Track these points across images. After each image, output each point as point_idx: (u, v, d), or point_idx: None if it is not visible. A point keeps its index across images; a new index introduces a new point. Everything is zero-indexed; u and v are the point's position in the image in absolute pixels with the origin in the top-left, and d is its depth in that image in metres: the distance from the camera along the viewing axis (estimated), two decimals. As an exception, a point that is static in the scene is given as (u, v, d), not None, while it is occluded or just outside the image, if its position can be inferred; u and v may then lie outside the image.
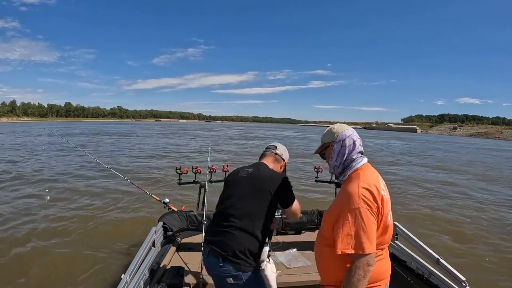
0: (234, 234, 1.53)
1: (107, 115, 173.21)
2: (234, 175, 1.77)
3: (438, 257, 2.02)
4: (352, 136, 1.30)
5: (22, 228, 4.73)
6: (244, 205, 1.58)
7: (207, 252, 1.57)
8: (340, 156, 1.28)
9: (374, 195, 1.16)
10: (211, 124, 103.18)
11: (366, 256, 1.11)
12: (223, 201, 1.68)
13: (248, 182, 1.64)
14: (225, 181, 1.81)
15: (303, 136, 40.05)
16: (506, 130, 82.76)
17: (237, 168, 1.82)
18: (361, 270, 1.11)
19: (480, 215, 6.20)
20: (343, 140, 1.29)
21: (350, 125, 1.77)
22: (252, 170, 1.70)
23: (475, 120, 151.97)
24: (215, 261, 1.51)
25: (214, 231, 1.61)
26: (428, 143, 34.91)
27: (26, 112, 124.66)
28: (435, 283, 2.02)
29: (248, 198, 1.58)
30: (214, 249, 1.53)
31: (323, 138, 1.39)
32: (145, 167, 10.93)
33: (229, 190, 1.69)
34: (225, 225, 1.56)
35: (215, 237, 1.57)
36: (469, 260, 4.12)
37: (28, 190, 7.13)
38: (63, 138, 8.55)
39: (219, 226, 1.59)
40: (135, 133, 34.18)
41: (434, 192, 8.14)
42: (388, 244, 1.34)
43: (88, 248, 4.07)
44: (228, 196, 1.66)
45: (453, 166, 14.40)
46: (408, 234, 2.37)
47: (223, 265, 1.49)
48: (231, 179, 1.75)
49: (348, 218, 1.14)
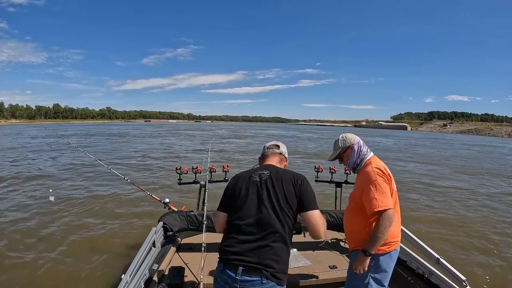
0: (273, 245, 1.37)
1: (96, 116, 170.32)
2: (244, 179, 1.55)
3: (438, 257, 2.02)
4: (360, 140, 1.83)
5: (22, 227, 4.75)
6: (275, 211, 1.42)
7: (239, 271, 1.34)
8: (358, 153, 1.76)
9: (384, 172, 1.64)
10: (201, 124, 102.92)
11: (388, 210, 1.53)
12: (242, 209, 1.46)
13: (271, 185, 1.47)
14: (231, 186, 1.58)
15: (293, 134, 40.35)
16: (496, 127, 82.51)
17: (245, 172, 1.63)
18: (386, 221, 1.52)
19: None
20: (358, 143, 1.80)
21: (340, 123, 1.89)
22: (271, 172, 1.52)
23: (464, 117, 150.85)
24: (256, 280, 1.33)
25: (246, 245, 1.39)
26: (421, 140, 35.02)
27: (14, 115, 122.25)
28: (435, 282, 2.02)
29: (278, 202, 1.43)
30: (255, 267, 1.33)
31: (341, 144, 1.81)
32: (145, 167, 10.94)
33: (248, 196, 1.48)
34: (260, 237, 1.38)
35: (249, 252, 1.37)
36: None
37: (29, 190, 7.16)
38: (65, 139, 8.59)
39: (252, 238, 1.39)
40: (128, 133, 34.28)
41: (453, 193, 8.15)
42: (395, 209, 1.63)
43: (88, 248, 4.08)
44: (250, 203, 1.46)
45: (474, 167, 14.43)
46: (408, 234, 2.37)
47: (266, 282, 1.33)
48: (242, 184, 1.52)
49: (371, 187, 1.58)
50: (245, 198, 1.48)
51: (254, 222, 1.42)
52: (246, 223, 1.42)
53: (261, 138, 29.89)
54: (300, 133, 45.90)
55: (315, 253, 2.59)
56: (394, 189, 1.67)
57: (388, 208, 1.53)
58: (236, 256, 1.38)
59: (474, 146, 28.81)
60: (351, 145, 1.78)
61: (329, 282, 2.23)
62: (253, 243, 1.39)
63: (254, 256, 1.36)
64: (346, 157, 1.80)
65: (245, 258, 1.36)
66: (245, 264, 1.35)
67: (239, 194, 1.50)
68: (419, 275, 2.19)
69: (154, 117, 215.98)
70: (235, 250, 1.39)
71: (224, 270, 1.39)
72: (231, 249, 1.41)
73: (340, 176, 3.28)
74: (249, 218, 1.43)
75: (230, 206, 1.52)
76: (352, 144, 1.78)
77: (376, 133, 51.83)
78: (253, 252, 1.37)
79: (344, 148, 1.79)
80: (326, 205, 4.14)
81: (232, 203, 1.51)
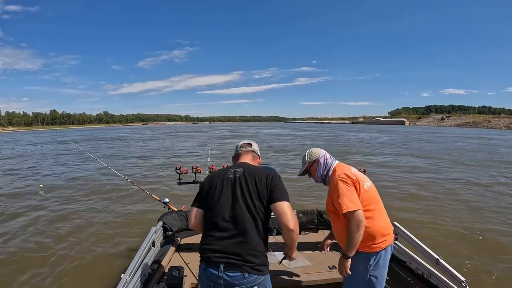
0: (249, 240, 1.40)
1: (93, 121, 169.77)
2: (219, 176, 1.57)
3: (437, 257, 2.01)
4: (326, 152, 1.92)
5: (21, 226, 4.76)
6: (248, 206, 1.45)
7: (221, 268, 1.37)
8: (324, 166, 1.84)
9: (347, 176, 1.70)
10: (199, 126, 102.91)
11: (354, 212, 1.57)
12: (217, 205, 1.49)
13: (245, 181, 1.50)
14: (206, 184, 1.59)
15: (289, 133, 40.42)
16: (494, 119, 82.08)
17: (220, 170, 1.69)
18: (353, 222, 1.57)
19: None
20: (324, 156, 1.88)
21: (338, 120, 1.90)
22: (244, 169, 1.55)
23: (462, 110, 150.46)
24: (238, 275, 1.36)
25: (224, 241, 1.41)
26: (418, 135, 35.01)
27: (11, 122, 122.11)
28: (434, 283, 2.02)
29: (250, 198, 1.46)
30: (235, 263, 1.37)
31: (307, 159, 1.90)
32: (145, 167, 10.95)
33: (222, 193, 1.50)
34: (236, 233, 1.42)
35: (228, 249, 1.39)
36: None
37: (22, 186, 7.17)
38: (71, 144, 8.64)
39: (228, 234, 1.42)
40: (128, 137, 34.38)
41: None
42: (374, 205, 1.72)
43: (88, 247, 4.09)
44: (225, 199, 1.49)
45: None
46: (408, 235, 2.36)
47: (248, 276, 1.37)
48: (218, 181, 1.54)
49: (336, 194, 1.66)
50: (220, 195, 1.51)
51: (229, 219, 1.45)
52: (222, 219, 1.45)
53: (260, 138, 29.91)
54: (298, 131, 45.92)
55: (315, 253, 2.58)
56: (365, 188, 1.71)
57: (352, 209, 1.57)
58: (216, 254, 1.41)
59: (473, 139, 28.79)
60: (317, 159, 1.87)
61: (328, 282, 2.23)
62: (230, 240, 1.42)
63: (233, 252, 1.39)
64: (313, 171, 1.88)
65: (224, 255, 1.39)
66: (225, 260, 1.38)
67: (214, 191, 1.52)
68: (418, 276, 2.19)
69: (152, 120, 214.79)
70: (214, 247, 1.42)
71: (206, 268, 1.42)
72: (210, 247, 1.43)
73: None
74: (224, 215, 1.46)
75: (206, 203, 1.54)
76: (318, 157, 1.87)
77: (373, 129, 51.84)
78: (231, 248, 1.40)
79: (311, 162, 1.88)
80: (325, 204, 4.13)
81: (208, 200, 1.53)
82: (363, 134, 35.22)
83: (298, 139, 27.83)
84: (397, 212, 5.42)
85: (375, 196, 1.76)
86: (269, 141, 26.01)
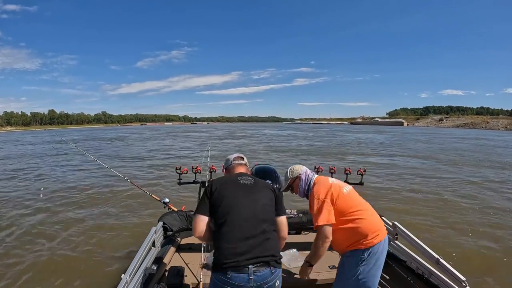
0: (271, 238, 1.51)
1: (91, 121, 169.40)
2: (231, 183, 1.63)
3: (438, 257, 2.01)
4: (306, 169, 2.03)
5: (21, 227, 4.74)
6: (265, 210, 1.57)
7: (251, 271, 1.38)
8: (305, 181, 1.96)
9: (321, 191, 1.83)
10: (198, 126, 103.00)
11: (322, 227, 1.75)
12: (235, 209, 1.52)
13: (259, 188, 1.63)
14: (217, 191, 1.59)
15: (288, 133, 40.55)
16: (492, 120, 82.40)
17: (225, 177, 1.74)
18: (320, 237, 1.78)
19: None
20: (305, 172, 1.99)
21: (336, 121, 1.93)
22: (254, 178, 1.68)
23: (460, 111, 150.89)
24: (267, 272, 1.42)
25: (249, 242, 1.44)
26: (415, 135, 35.10)
27: (9, 122, 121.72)
28: (435, 283, 2.02)
29: (265, 203, 1.59)
30: (265, 261, 1.42)
31: (289, 176, 2.01)
32: (145, 167, 10.93)
33: (239, 196, 1.56)
34: (257, 233, 1.48)
35: (255, 248, 1.43)
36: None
37: (22, 187, 7.15)
38: (70, 144, 8.62)
39: (250, 235, 1.46)
40: (127, 137, 34.32)
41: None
42: (360, 206, 1.83)
43: (88, 247, 4.08)
44: (244, 203, 1.54)
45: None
46: (408, 234, 2.36)
47: (275, 271, 1.46)
48: (231, 187, 1.60)
49: (311, 209, 1.84)
50: (236, 199, 1.56)
51: (250, 221, 1.50)
52: (243, 221, 1.49)
53: (259, 138, 29.91)
54: (296, 132, 46.00)
55: None
56: (344, 193, 1.84)
57: (320, 224, 1.76)
58: (243, 256, 1.41)
59: (472, 139, 28.94)
60: (298, 175, 1.99)
61: (329, 282, 2.22)
62: (254, 240, 1.46)
63: (260, 251, 1.44)
64: (296, 186, 2.00)
65: (253, 255, 1.42)
66: (254, 261, 1.41)
67: (229, 197, 1.56)
68: (419, 276, 2.19)
69: (150, 120, 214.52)
70: (240, 250, 1.42)
71: (233, 275, 1.38)
72: (236, 250, 1.42)
73: (340, 176, 3.28)
74: (245, 217, 1.50)
75: (218, 210, 1.53)
76: (300, 174, 1.99)
77: (371, 130, 51.99)
78: (258, 247, 1.44)
79: (293, 178, 2.00)
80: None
81: (221, 207, 1.53)
82: (361, 135, 35.36)
83: (296, 140, 27.87)
84: (396, 213, 5.45)
85: (356, 198, 1.89)
86: (268, 141, 26.04)
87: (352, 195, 1.88)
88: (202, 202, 1.60)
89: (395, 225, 2.53)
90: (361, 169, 3.24)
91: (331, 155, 15.41)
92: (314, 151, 17.78)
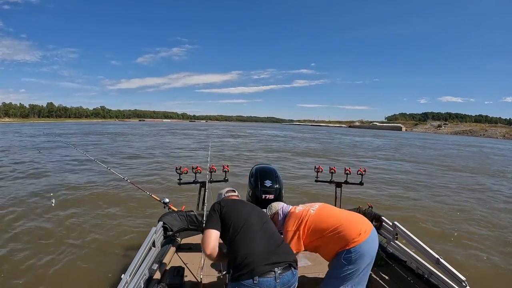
0: (283, 243, 1.64)
1: (90, 115, 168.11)
2: (237, 201, 1.89)
3: (438, 257, 2.02)
4: (283, 204, 2.20)
5: (24, 227, 4.71)
6: (270, 222, 1.80)
7: (277, 274, 1.46)
8: (282, 216, 2.11)
9: (291, 222, 1.98)
10: (197, 124, 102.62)
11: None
12: (247, 221, 1.67)
13: (257, 211, 1.82)
14: (228, 206, 1.78)
15: (285, 134, 40.73)
16: (491, 128, 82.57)
17: (232, 200, 1.92)
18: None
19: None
20: (282, 208, 2.16)
21: (334, 123, 1.99)
22: (252, 204, 1.92)
23: (458, 118, 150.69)
24: (289, 274, 1.51)
25: (266, 249, 1.54)
26: (411, 140, 35.31)
27: (7, 113, 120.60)
28: (435, 283, 2.03)
29: (267, 218, 1.82)
30: (287, 264, 1.52)
31: (269, 212, 2.16)
32: (144, 167, 10.90)
33: (248, 212, 1.75)
34: (272, 241, 1.60)
35: (275, 253, 1.53)
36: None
37: (32, 189, 7.13)
38: (62, 138, 8.57)
39: (268, 243, 1.58)
40: (126, 132, 34.21)
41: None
42: (334, 217, 1.93)
43: (88, 248, 4.06)
44: (253, 217, 1.72)
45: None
46: (408, 234, 2.37)
47: (295, 272, 1.55)
48: (238, 202, 1.86)
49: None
50: (249, 213, 1.72)
51: (263, 231, 1.63)
52: (258, 233, 1.61)
53: (258, 138, 29.95)
54: (295, 133, 46.14)
55: (315, 253, 2.59)
56: (312, 213, 1.99)
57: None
58: (268, 261, 1.48)
59: (474, 146, 29.12)
60: (276, 211, 2.16)
61: None
62: (272, 246, 1.56)
63: (281, 255, 1.53)
64: (275, 220, 2.13)
65: (276, 260, 1.50)
66: (278, 265, 1.48)
67: (241, 210, 1.73)
68: (419, 275, 2.20)
69: (148, 117, 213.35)
70: (264, 257, 1.49)
71: (260, 280, 1.43)
72: (260, 257, 1.49)
73: (340, 176, 3.28)
74: (259, 229, 1.63)
75: (232, 223, 1.65)
76: (277, 210, 2.17)
77: (370, 134, 52.13)
78: (277, 253, 1.53)
79: (272, 214, 2.16)
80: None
81: (235, 220, 1.66)
82: (359, 138, 35.37)
83: (294, 141, 27.95)
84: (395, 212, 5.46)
85: (328, 212, 2.02)
86: (266, 141, 26.12)
87: (322, 212, 1.99)
88: (211, 217, 1.72)
89: (395, 225, 2.54)
90: (361, 169, 3.24)
91: (327, 157, 15.54)
92: (311, 152, 18.00)
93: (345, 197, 3.44)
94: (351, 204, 3.38)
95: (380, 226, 2.77)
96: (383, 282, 2.27)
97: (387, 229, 2.71)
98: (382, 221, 2.76)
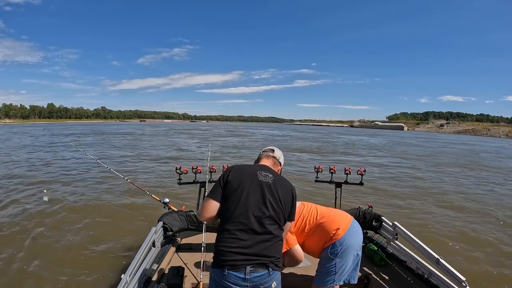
0: (273, 239, 1.47)
1: (90, 116, 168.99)
2: (248, 176, 1.56)
3: (438, 257, 2.02)
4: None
5: (21, 227, 4.72)
6: (276, 212, 1.51)
7: (247, 270, 1.37)
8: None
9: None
10: (198, 124, 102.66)
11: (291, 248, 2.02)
12: (244, 205, 1.48)
13: (275, 189, 1.55)
14: (233, 180, 1.55)
15: (286, 133, 40.90)
16: (493, 127, 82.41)
17: (246, 166, 1.67)
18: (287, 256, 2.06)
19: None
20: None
21: (336, 123, 1.94)
22: (274, 177, 1.60)
23: (460, 117, 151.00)
24: (264, 274, 1.40)
25: (249, 242, 1.42)
26: (414, 140, 35.23)
27: (8, 114, 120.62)
28: (435, 283, 2.03)
29: (278, 206, 1.52)
30: (262, 263, 1.40)
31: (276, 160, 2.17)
32: (144, 167, 10.91)
33: (252, 193, 1.51)
34: (261, 234, 1.45)
35: (254, 249, 1.41)
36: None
37: (27, 190, 7.14)
38: (65, 138, 8.59)
39: (253, 235, 1.43)
40: (129, 133, 34.19)
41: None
42: (313, 223, 1.98)
43: (88, 248, 4.06)
44: (254, 201, 1.50)
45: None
46: (408, 234, 2.37)
47: (273, 273, 1.42)
48: (247, 180, 1.54)
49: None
50: (248, 195, 1.50)
51: (257, 220, 1.46)
52: (249, 220, 1.45)
53: (257, 138, 29.96)
54: (296, 132, 46.21)
55: None
56: (305, 219, 2.01)
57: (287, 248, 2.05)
58: (241, 256, 1.39)
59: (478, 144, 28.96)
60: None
61: None
62: (255, 240, 1.43)
63: (260, 252, 1.41)
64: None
65: (252, 256, 1.40)
66: (253, 262, 1.39)
67: (242, 190, 1.51)
68: (419, 276, 2.20)
69: (149, 117, 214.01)
70: (239, 250, 1.41)
71: (230, 273, 1.37)
72: (234, 249, 1.41)
73: (340, 176, 3.28)
74: (252, 216, 1.46)
75: (229, 199, 1.51)
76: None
77: (371, 133, 51.97)
78: (257, 248, 1.42)
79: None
80: (326, 205, 4.15)
81: (233, 197, 1.51)
82: (355, 137, 35.33)
83: (294, 140, 27.94)
84: (395, 211, 5.45)
85: (309, 209, 2.07)
86: (265, 141, 26.11)
87: (303, 211, 2.05)
88: (215, 188, 1.57)
89: (395, 225, 2.53)
90: (361, 169, 3.24)
91: (327, 154, 15.55)
92: (311, 150, 18.10)
93: (345, 197, 3.43)
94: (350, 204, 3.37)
95: (380, 226, 2.77)
96: (383, 282, 2.26)
97: (387, 229, 2.70)
98: (382, 221, 2.75)
